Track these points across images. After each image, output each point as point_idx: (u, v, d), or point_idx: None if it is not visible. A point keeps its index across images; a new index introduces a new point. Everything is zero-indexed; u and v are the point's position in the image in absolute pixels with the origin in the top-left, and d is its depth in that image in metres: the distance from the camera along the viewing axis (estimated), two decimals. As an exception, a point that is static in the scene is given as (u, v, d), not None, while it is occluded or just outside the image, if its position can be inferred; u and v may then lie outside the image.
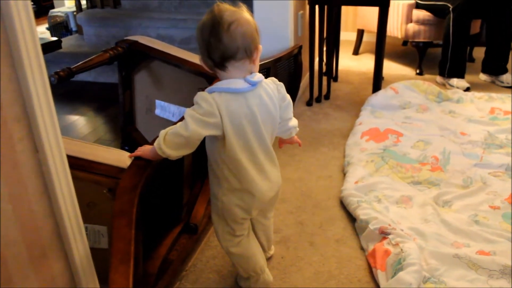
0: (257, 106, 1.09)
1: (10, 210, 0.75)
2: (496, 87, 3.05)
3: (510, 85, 3.01)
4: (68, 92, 3.29)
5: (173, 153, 1.08)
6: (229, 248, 1.25)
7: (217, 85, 1.08)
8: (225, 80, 1.08)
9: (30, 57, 0.73)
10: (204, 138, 1.12)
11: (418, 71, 3.38)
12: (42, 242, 0.84)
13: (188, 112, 1.05)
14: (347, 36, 4.22)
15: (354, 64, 3.69)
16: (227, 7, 1.06)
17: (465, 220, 1.57)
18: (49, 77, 1.45)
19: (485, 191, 1.72)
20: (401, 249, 1.35)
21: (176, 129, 1.06)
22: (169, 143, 1.06)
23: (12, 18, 0.69)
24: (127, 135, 2.21)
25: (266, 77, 1.14)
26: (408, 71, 3.46)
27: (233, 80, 1.08)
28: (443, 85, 3.08)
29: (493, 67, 3.11)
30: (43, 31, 4.89)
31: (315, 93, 2.85)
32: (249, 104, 1.08)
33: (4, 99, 0.71)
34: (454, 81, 3.01)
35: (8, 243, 0.76)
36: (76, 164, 1.12)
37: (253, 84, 1.08)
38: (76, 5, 4.28)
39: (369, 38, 4.00)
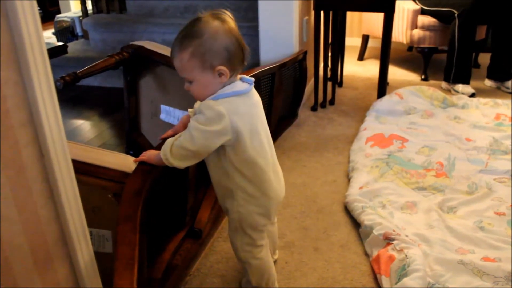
0: (257, 104, 1.12)
1: (15, 215, 0.76)
2: (502, 93, 3.04)
3: (515, 91, 3.01)
4: (73, 96, 3.31)
5: (181, 164, 1.07)
6: (248, 259, 1.22)
7: (222, 91, 1.06)
8: (228, 86, 1.07)
9: (36, 62, 0.74)
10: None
11: (423, 77, 3.38)
12: (47, 246, 0.84)
13: (193, 125, 1.03)
14: (352, 41, 4.22)
15: (359, 69, 3.69)
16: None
17: (470, 226, 1.56)
18: (55, 82, 1.46)
19: (490, 197, 1.72)
20: (406, 255, 1.34)
21: (182, 142, 1.04)
22: (175, 155, 1.05)
23: (18, 23, 0.70)
24: (132, 139, 2.21)
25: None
26: (413, 76, 3.46)
27: (234, 83, 1.08)
28: (448, 91, 3.07)
29: (499, 73, 3.11)
30: (49, 36, 4.92)
31: (320, 98, 2.85)
32: (253, 104, 1.10)
33: (11, 104, 0.72)
34: (459, 87, 3.01)
35: (13, 247, 0.76)
36: (81, 168, 1.12)
37: (251, 83, 1.10)
38: (82, 10, 4.31)
39: (374, 44, 4.00)
